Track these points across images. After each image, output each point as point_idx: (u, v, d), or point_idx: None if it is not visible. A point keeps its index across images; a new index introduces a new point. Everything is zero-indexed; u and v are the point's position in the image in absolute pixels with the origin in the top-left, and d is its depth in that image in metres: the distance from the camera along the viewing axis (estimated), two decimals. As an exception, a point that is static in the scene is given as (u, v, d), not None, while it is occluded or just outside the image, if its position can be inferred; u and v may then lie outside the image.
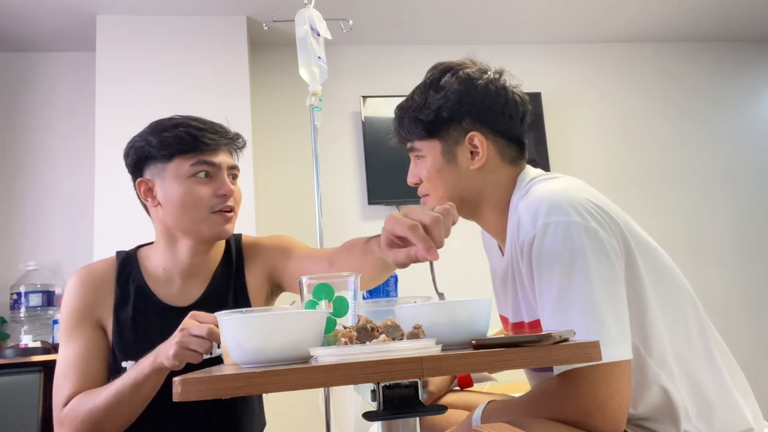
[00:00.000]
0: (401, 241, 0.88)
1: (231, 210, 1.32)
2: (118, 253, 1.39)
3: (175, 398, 0.67)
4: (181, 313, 1.31)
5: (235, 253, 1.44)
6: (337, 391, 2.62)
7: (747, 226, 3.83)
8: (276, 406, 2.83)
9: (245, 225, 3.01)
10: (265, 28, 2.56)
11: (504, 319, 1.26)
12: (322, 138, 2.33)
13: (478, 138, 1.13)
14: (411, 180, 1.22)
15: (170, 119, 1.36)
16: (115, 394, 1.17)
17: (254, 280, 1.43)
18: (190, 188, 1.28)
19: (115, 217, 2.90)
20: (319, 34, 2.13)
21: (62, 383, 1.24)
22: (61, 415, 1.22)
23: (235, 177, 1.37)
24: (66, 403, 1.22)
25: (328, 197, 3.20)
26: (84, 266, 1.36)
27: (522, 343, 0.74)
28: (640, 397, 1.03)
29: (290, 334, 0.82)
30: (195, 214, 1.29)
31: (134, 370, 1.17)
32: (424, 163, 1.17)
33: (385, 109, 3.46)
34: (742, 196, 3.86)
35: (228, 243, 1.45)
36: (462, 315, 0.83)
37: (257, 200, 3.13)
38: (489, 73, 1.16)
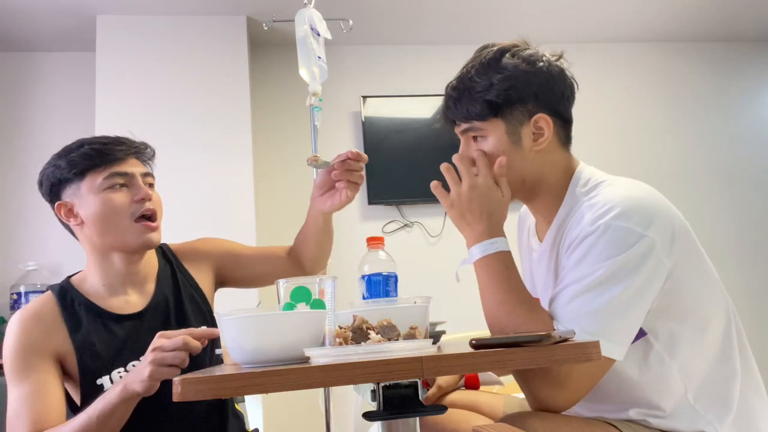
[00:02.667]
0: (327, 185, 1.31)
1: (152, 215, 1.33)
2: (51, 287, 1.37)
3: (175, 398, 0.67)
4: (137, 317, 1.33)
5: (172, 257, 1.47)
6: (337, 391, 2.62)
7: (747, 226, 3.83)
8: (276, 406, 2.83)
9: (245, 225, 3.01)
10: (265, 28, 2.56)
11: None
12: (322, 138, 2.32)
13: (543, 120, 1.13)
14: (460, 159, 1.17)
15: (76, 142, 1.36)
16: (82, 427, 1.11)
17: (202, 279, 1.46)
18: (107, 199, 1.30)
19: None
20: (319, 34, 2.13)
21: (15, 423, 1.18)
22: None
23: (151, 185, 1.37)
24: None
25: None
26: (21, 309, 1.31)
27: (522, 343, 0.74)
28: (666, 398, 1.06)
29: (290, 335, 0.82)
30: (117, 224, 1.30)
31: (100, 401, 1.12)
32: (485, 144, 1.15)
33: (385, 109, 3.46)
34: (742, 195, 3.86)
35: (158, 250, 1.46)
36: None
37: (257, 200, 3.13)
38: (547, 54, 1.17)
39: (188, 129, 3.07)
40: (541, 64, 1.15)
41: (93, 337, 1.28)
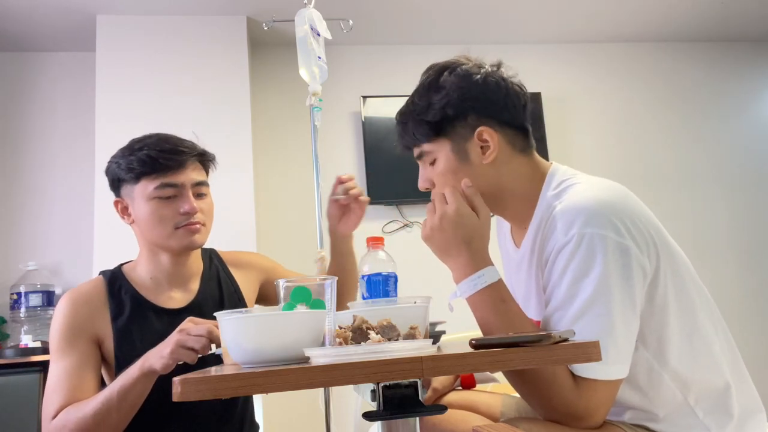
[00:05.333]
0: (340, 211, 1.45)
1: (196, 223, 1.38)
2: (103, 272, 1.43)
3: (175, 398, 0.67)
4: (178, 313, 1.37)
5: (218, 262, 1.54)
6: (337, 391, 2.62)
7: (746, 226, 3.83)
8: (276, 406, 2.83)
9: (245, 225, 3.01)
10: (265, 28, 2.56)
11: None
12: (322, 138, 2.32)
13: (487, 132, 1.12)
14: (422, 185, 1.20)
15: (140, 140, 1.40)
16: (103, 402, 1.18)
17: (246, 287, 1.53)
18: (155, 208, 1.35)
19: (115, 217, 2.89)
20: (319, 34, 2.13)
21: (52, 396, 1.25)
22: (50, 427, 1.23)
23: (202, 194, 1.42)
24: (55, 416, 1.23)
25: (328, 197, 3.19)
26: (72, 289, 1.39)
27: (522, 343, 0.74)
28: (658, 405, 1.06)
29: (290, 335, 0.82)
30: (161, 231, 1.36)
31: (122, 377, 1.19)
32: (437, 166, 1.15)
33: (385, 109, 3.46)
34: (742, 195, 3.86)
35: (204, 253, 1.54)
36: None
37: (257, 200, 3.13)
38: (486, 66, 1.15)
39: (188, 129, 3.07)
40: (478, 77, 1.13)
41: (132, 326, 1.34)
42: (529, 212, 1.15)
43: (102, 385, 1.33)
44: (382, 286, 1.16)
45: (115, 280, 1.40)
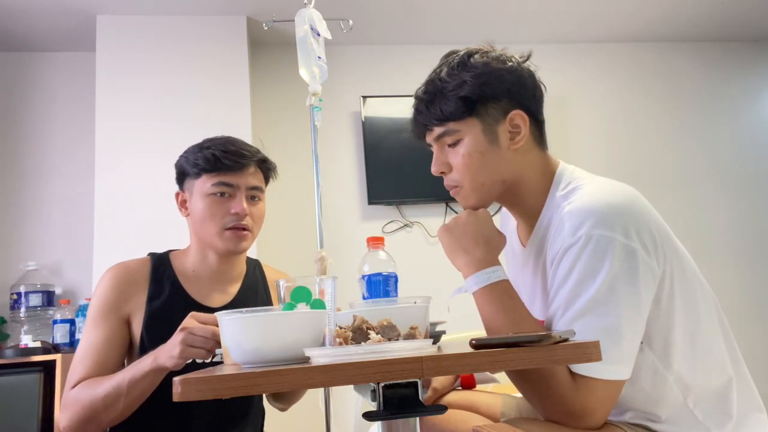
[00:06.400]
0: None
1: (245, 228, 1.43)
2: (152, 254, 1.50)
3: (175, 398, 0.67)
4: (212, 312, 1.38)
5: (259, 274, 1.59)
6: (337, 391, 2.61)
7: (746, 226, 3.83)
8: (276, 406, 2.82)
9: (245, 225, 3.01)
10: (265, 28, 2.56)
11: None
12: (322, 138, 2.32)
13: (520, 116, 1.11)
14: (437, 169, 1.16)
15: (211, 139, 1.48)
16: (114, 387, 1.23)
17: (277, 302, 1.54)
18: (209, 204, 1.41)
19: (115, 217, 2.90)
20: (319, 34, 2.13)
21: (77, 367, 1.33)
22: (67, 397, 1.29)
23: (256, 198, 1.48)
24: (74, 386, 1.30)
25: (328, 197, 3.19)
26: (119, 263, 1.45)
27: (522, 343, 0.74)
28: (661, 406, 1.06)
29: (290, 335, 0.82)
30: (210, 227, 1.41)
31: (133, 367, 1.23)
32: (461, 147, 1.11)
33: (385, 109, 3.46)
34: (742, 196, 3.86)
35: (250, 263, 1.59)
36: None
37: (257, 200, 3.13)
38: (516, 56, 1.16)
39: (188, 129, 3.07)
40: (511, 63, 1.13)
41: (165, 311, 1.39)
42: (537, 209, 1.14)
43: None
44: (382, 286, 1.16)
45: (161, 264, 1.46)
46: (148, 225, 2.84)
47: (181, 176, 1.48)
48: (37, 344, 2.68)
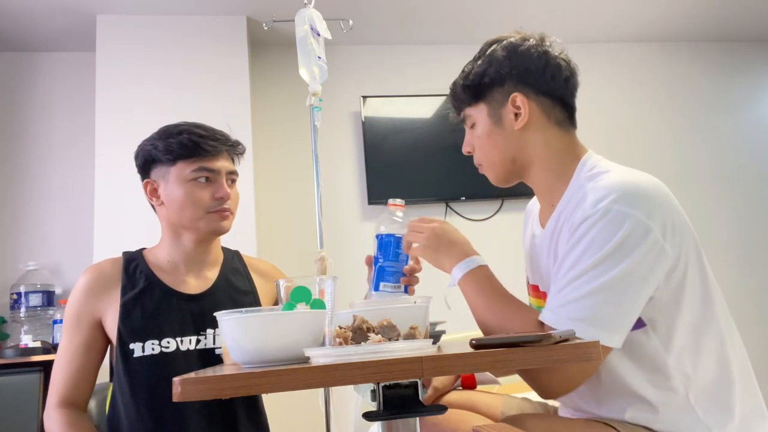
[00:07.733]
0: None
1: (227, 210, 1.44)
2: (125, 252, 1.49)
3: (175, 398, 0.67)
4: (191, 299, 1.42)
5: (239, 262, 1.58)
6: (337, 391, 2.61)
7: (747, 226, 3.83)
8: (276, 406, 2.82)
9: (245, 225, 3.01)
10: (265, 28, 2.56)
11: (534, 287, 1.28)
12: (322, 138, 2.32)
13: (519, 98, 1.16)
14: (465, 149, 1.26)
15: (176, 126, 1.47)
16: None
17: (263, 294, 1.55)
18: (191, 190, 1.40)
19: (115, 217, 2.90)
20: (319, 34, 2.13)
21: (56, 374, 1.36)
22: (48, 419, 1.33)
23: (233, 181, 1.49)
24: (56, 402, 1.34)
25: (328, 197, 3.19)
26: (92, 265, 1.45)
27: (522, 343, 0.74)
28: (660, 394, 1.07)
29: (290, 335, 0.82)
30: (193, 213, 1.41)
31: None
32: (476, 129, 1.21)
33: (385, 109, 3.46)
34: (742, 195, 3.86)
35: (228, 252, 1.59)
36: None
37: (257, 200, 3.13)
38: (531, 39, 1.20)
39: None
40: (521, 47, 1.18)
41: (140, 302, 1.39)
42: (559, 190, 1.16)
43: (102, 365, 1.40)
44: (393, 247, 1.19)
45: (133, 260, 1.46)
46: (148, 225, 2.83)
47: (148, 165, 1.46)
48: (37, 344, 2.68)
